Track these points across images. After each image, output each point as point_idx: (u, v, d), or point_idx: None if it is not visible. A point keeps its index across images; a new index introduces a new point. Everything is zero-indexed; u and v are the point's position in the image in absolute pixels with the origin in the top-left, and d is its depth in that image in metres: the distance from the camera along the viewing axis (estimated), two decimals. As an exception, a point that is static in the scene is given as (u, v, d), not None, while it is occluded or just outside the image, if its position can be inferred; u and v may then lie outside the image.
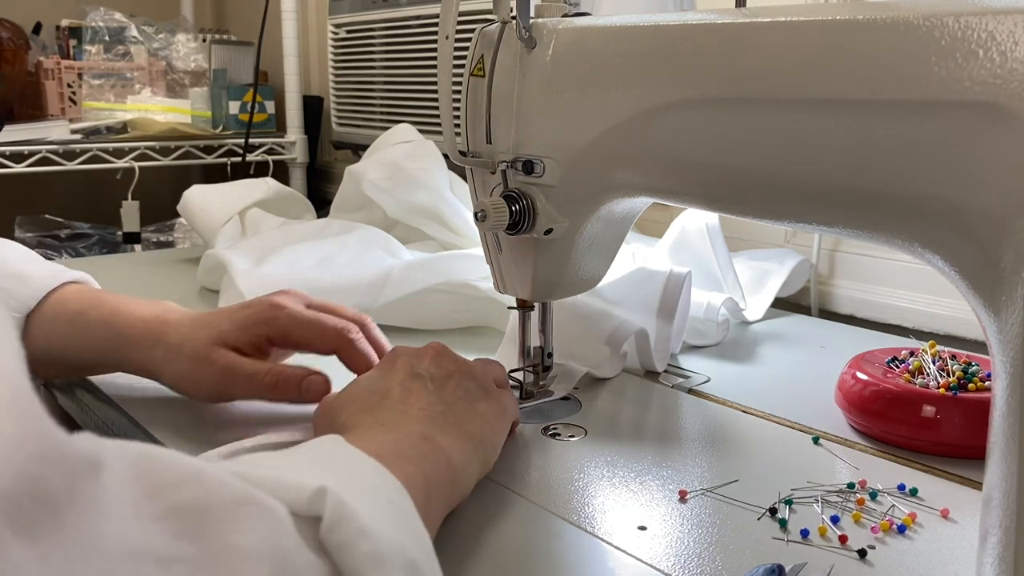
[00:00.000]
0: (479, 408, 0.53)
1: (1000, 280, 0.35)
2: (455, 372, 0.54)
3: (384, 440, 0.45)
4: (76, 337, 0.63)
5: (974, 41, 0.35)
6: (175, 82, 1.81)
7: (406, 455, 0.43)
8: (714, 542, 0.47)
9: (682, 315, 0.76)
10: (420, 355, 0.55)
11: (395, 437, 0.46)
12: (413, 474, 0.42)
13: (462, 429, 0.50)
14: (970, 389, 0.59)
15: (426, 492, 0.42)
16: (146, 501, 0.27)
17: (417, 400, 0.50)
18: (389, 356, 0.56)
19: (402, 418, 0.49)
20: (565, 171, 0.55)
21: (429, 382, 0.52)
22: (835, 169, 0.41)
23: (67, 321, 0.63)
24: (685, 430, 0.62)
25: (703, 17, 0.48)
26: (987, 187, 0.36)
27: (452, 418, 0.50)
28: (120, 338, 0.62)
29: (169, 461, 0.29)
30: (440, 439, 0.47)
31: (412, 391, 0.51)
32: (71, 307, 0.63)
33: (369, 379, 0.54)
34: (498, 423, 0.54)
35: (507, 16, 0.56)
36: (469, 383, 0.54)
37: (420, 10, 1.38)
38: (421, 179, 1.01)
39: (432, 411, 0.50)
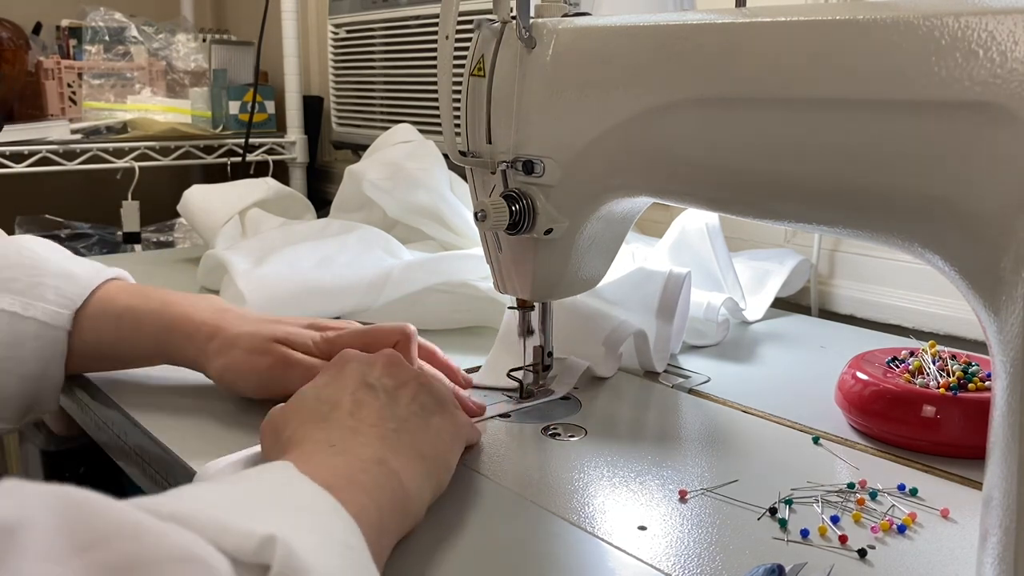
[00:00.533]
0: (433, 424, 0.50)
1: (1000, 280, 0.35)
2: (409, 382, 0.52)
3: (335, 465, 0.43)
4: (127, 331, 0.64)
5: (974, 41, 0.35)
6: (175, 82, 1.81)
7: (359, 483, 0.41)
8: (714, 542, 0.47)
9: (682, 315, 0.76)
10: (371, 362, 0.52)
11: (346, 461, 0.43)
12: (366, 505, 0.40)
13: (415, 449, 0.47)
14: (970, 389, 0.59)
15: (379, 524, 0.40)
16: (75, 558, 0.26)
17: (368, 414, 0.48)
18: (337, 361, 0.53)
19: (353, 437, 0.46)
20: (565, 171, 0.55)
21: (381, 393, 0.50)
22: (835, 169, 0.41)
23: (116, 316, 0.64)
24: (685, 430, 0.62)
25: (703, 17, 0.48)
26: (987, 187, 0.36)
27: (406, 437, 0.48)
28: (172, 332, 0.64)
29: (102, 511, 0.28)
30: (393, 463, 0.45)
31: (363, 403, 0.49)
32: (120, 303, 0.65)
33: (316, 387, 0.51)
34: (453, 441, 0.52)
35: (507, 16, 0.56)
36: (424, 396, 0.52)
37: (420, 10, 1.38)
38: (421, 179, 1.01)
39: (384, 428, 0.47)
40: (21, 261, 0.63)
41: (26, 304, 0.61)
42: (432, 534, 0.47)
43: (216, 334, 0.63)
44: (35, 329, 0.62)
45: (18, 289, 0.62)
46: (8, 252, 0.64)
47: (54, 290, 0.63)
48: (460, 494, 0.52)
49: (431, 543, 0.46)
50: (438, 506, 0.50)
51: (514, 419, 0.64)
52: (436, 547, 0.46)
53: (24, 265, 0.63)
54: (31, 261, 0.64)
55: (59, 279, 0.64)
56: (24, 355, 0.62)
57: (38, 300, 0.62)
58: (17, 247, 0.65)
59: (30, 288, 0.62)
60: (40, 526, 0.26)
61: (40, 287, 0.62)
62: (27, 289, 0.62)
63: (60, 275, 0.64)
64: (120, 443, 0.66)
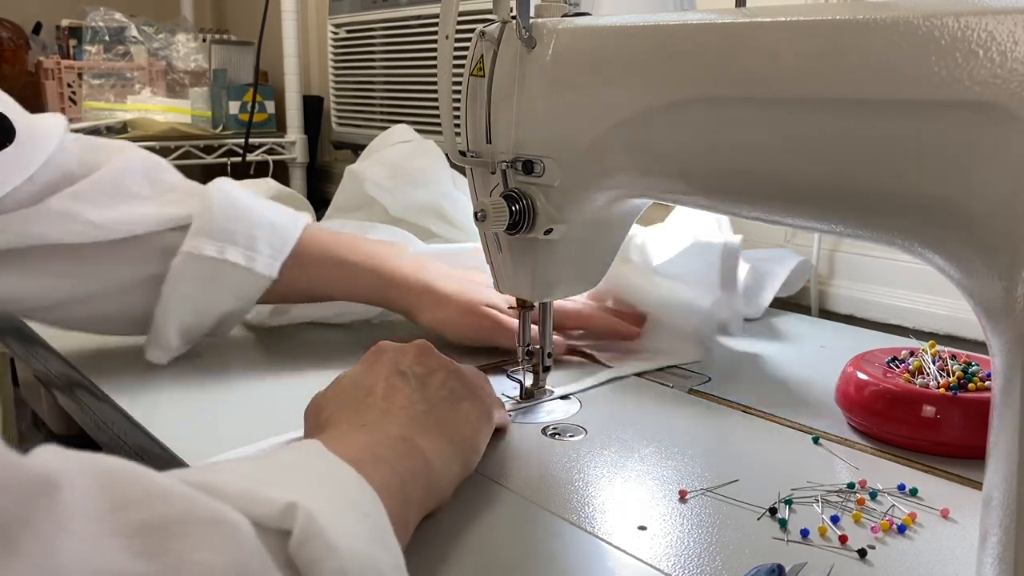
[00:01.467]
0: (462, 408, 0.53)
1: (1000, 280, 0.35)
2: (439, 370, 0.54)
3: (362, 443, 0.45)
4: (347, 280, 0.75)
5: (974, 41, 0.35)
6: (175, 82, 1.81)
7: (383, 458, 0.43)
8: (714, 542, 0.47)
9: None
10: (404, 351, 0.55)
11: (373, 439, 0.46)
12: (389, 478, 0.42)
13: (443, 430, 0.50)
14: (970, 389, 0.59)
15: (402, 495, 0.42)
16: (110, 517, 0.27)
17: (399, 398, 0.50)
18: (373, 351, 0.56)
19: (383, 417, 0.49)
20: (565, 171, 0.55)
21: (412, 379, 0.52)
22: (835, 169, 0.41)
23: (335, 266, 0.75)
24: (685, 430, 0.62)
25: (703, 17, 0.48)
26: (987, 187, 0.36)
27: (434, 418, 0.50)
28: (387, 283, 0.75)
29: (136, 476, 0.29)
30: (420, 440, 0.47)
31: (395, 388, 0.51)
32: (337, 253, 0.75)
33: (353, 375, 0.54)
34: (481, 424, 0.54)
35: (507, 16, 0.56)
36: (454, 382, 0.54)
37: (420, 10, 1.38)
38: (424, 177, 1.01)
39: (414, 410, 0.50)
40: (235, 213, 0.71)
41: (248, 256, 0.70)
42: (433, 534, 0.47)
43: (427, 290, 0.74)
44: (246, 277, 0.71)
45: (240, 242, 0.71)
46: (219, 202, 0.71)
47: (266, 242, 0.72)
48: (460, 494, 0.52)
49: (431, 543, 0.46)
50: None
51: (514, 419, 0.64)
52: (436, 547, 0.46)
53: (238, 218, 0.71)
54: (242, 212, 0.72)
55: (267, 230, 0.72)
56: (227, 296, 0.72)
57: (256, 252, 0.71)
58: (224, 197, 0.72)
59: (248, 241, 0.71)
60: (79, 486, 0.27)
61: (254, 239, 0.71)
62: (246, 241, 0.71)
63: (268, 226, 0.72)
64: (120, 443, 0.66)
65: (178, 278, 0.69)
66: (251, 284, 0.71)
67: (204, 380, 0.70)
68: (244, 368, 0.74)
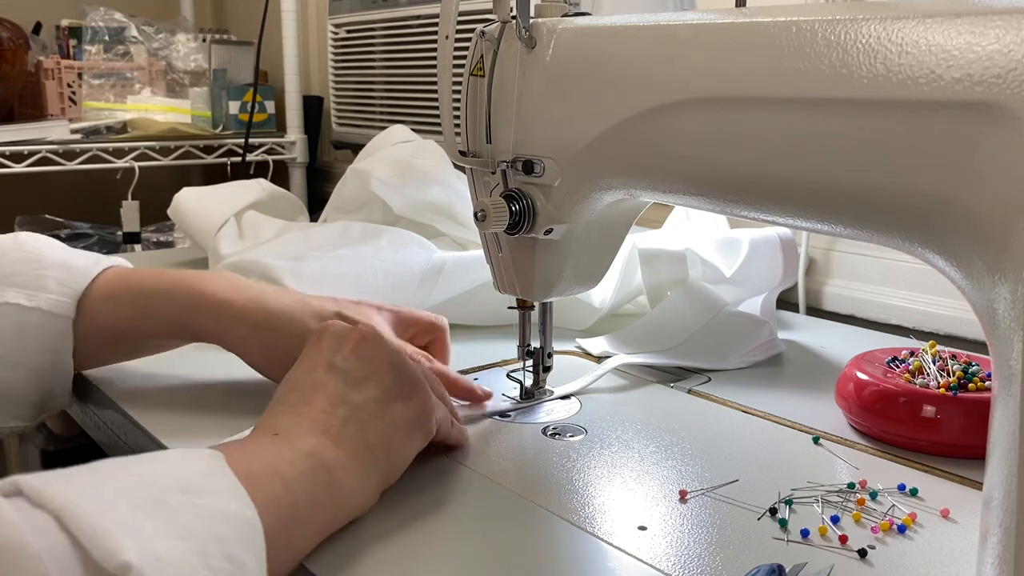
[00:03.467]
0: (392, 412, 0.50)
1: (1000, 280, 0.35)
2: (376, 364, 0.51)
3: (266, 455, 0.44)
4: (142, 308, 0.64)
5: (974, 41, 0.35)
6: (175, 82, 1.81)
7: (281, 475, 0.42)
8: (714, 542, 0.47)
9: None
10: (344, 340, 0.52)
11: (278, 452, 0.44)
12: (279, 496, 0.41)
13: (361, 440, 0.48)
14: (970, 389, 0.59)
15: (291, 512, 0.41)
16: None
17: (320, 400, 0.48)
18: (316, 335, 0.53)
19: (296, 422, 0.47)
20: (565, 171, 0.55)
21: (342, 379, 0.50)
22: (835, 169, 0.41)
23: (131, 297, 0.64)
24: (685, 430, 0.62)
25: (703, 17, 0.48)
26: (987, 187, 0.36)
27: (352, 427, 0.48)
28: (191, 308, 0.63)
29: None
30: (328, 455, 0.45)
31: (319, 386, 0.49)
32: (132, 283, 0.65)
33: (302, 356, 0.52)
34: (411, 429, 0.51)
35: (507, 16, 0.56)
36: (391, 380, 0.51)
37: (420, 10, 1.38)
38: (434, 175, 1.01)
39: (332, 417, 0.48)
40: (22, 256, 0.64)
41: (30, 295, 0.62)
42: (432, 534, 0.47)
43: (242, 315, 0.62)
44: (39, 320, 0.62)
45: (20, 283, 0.62)
46: (6, 248, 0.64)
47: (56, 280, 0.63)
48: (460, 494, 0.52)
49: (431, 543, 0.46)
50: (438, 506, 0.50)
51: (514, 419, 0.64)
52: (436, 547, 0.46)
53: (25, 260, 0.64)
54: (31, 255, 0.64)
55: (59, 270, 0.64)
56: (32, 347, 0.62)
57: (41, 291, 0.62)
58: (16, 243, 0.65)
59: (32, 280, 0.62)
60: None
61: (42, 279, 0.63)
62: (29, 282, 0.62)
63: (60, 266, 0.64)
64: (120, 443, 0.66)
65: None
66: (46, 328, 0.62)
67: (204, 380, 0.70)
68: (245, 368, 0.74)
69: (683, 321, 0.79)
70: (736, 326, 0.79)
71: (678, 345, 0.77)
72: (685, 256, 0.82)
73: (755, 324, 0.80)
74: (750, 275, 0.85)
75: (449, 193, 1.01)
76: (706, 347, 0.76)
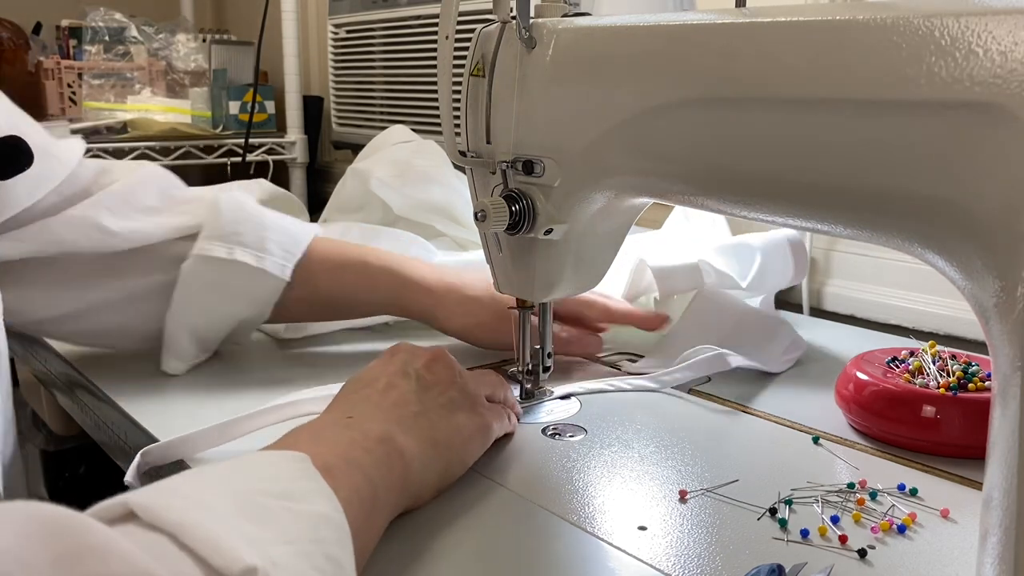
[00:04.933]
0: (457, 419, 0.53)
1: (1000, 280, 0.35)
2: (444, 379, 0.54)
3: (341, 442, 0.45)
4: (366, 281, 0.73)
5: (974, 41, 0.35)
6: (175, 82, 1.81)
7: (358, 462, 0.44)
8: (714, 542, 0.47)
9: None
10: (417, 355, 0.55)
11: (351, 437, 0.46)
12: (361, 484, 0.43)
13: (430, 434, 0.50)
14: (970, 389, 0.59)
15: (372, 502, 0.43)
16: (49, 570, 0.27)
17: (394, 395, 0.51)
18: (391, 350, 0.57)
19: (371, 411, 0.49)
20: (565, 171, 0.55)
21: (415, 382, 0.53)
22: (835, 169, 0.41)
23: (353, 269, 0.74)
24: (685, 430, 0.62)
25: (703, 17, 0.48)
26: (987, 187, 0.36)
27: (423, 421, 0.50)
28: (406, 284, 0.73)
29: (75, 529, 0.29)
30: (400, 439, 0.48)
31: (394, 386, 0.52)
32: (351, 256, 0.74)
33: (371, 367, 0.55)
34: (472, 437, 0.54)
35: (507, 16, 0.56)
36: (455, 393, 0.54)
37: (420, 10, 1.38)
38: (433, 175, 1.01)
39: (404, 409, 0.50)
40: (245, 216, 0.71)
41: (257, 257, 0.69)
42: (432, 534, 0.47)
43: (451, 291, 0.73)
44: (262, 280, 0.70)
45: (247, 243, 0.70)
46: (232, 208, 0.71)
47: (277, 244, 0.71)
48: (460, 494, 0.52)
49: (431, 543, 0.46)
50: (438, 506, 0.50)
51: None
52: (436, 547, 0.46)
53: (249, 220, 0.71)
54: (252, 216, 0.71)
55: (276, 232, 0.71)
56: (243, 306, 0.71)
57: (266, 253, 0.70)
58: (238, 204, 0.72)
59: (257, 240, 0.70)
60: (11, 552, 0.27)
61: (265, 239, 0.70)
62: (254, 242, 0.70)
63: (276, 229, 0.72)
64: (120, 443, 0.66)
65: (189, 282, 0.69)
66: (263, 286, 0.70)
67: (204, 379, 0.70)
68: (245, 368, 0.74)
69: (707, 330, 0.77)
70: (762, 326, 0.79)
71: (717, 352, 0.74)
72: (699, 267, 0.81)
73: (775, 324, 0.80)
74: (765, 281, 0.85)
75: (449, 193, 1.01)
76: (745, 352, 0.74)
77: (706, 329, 0.77)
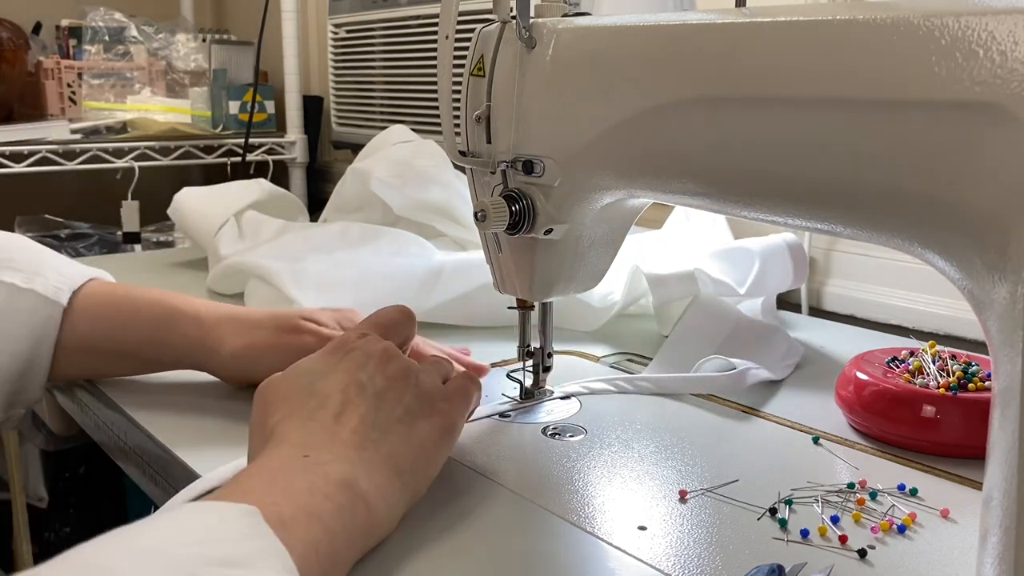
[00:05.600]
0: (418, 430, 0.50)
1: (1000, 280, 0.35)
2: (399, 383, 0.51)
3: (297, 488, 0.42)
4: (124, 317, 0.65)
5: (974, 41, 0.35)
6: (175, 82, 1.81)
7: (317, 512, 0.41)
8: (714, 542, 0.47)
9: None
10: (368, 355, 0.52)
11: (310, 481, 0.42)
12: (319, 537, 0.40)
13: (393, 465, 0.47)
14: (970, 389, 0.59)
15: (330, 556, 0.40)
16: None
17: (352, 418, 0.48)
18: (338, 344, 0.53)
19: (329, 443, 0.46)
20: (565, 171, 0.55)
21: (371, 396, 0.49)
22: (835, 169, 0.41)
23: (114, 304, 0.65)
24: (685, 430, 0.62)
25: (703, 17, 0.48)
26: (987, 187, 0.36)
27: (385, 449, 0.47)
28: (174, 314, 0.64)
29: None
30: (363, 483, 0.44)
31: (350, 404, 0.48)
32: (118, 292, 0.66)
33: (311, 372, 0.51)
34: (438, 446, 0.51)
35: (507, 16, 0.56)
36: (410, 399, 0.51)
37: (420, 10, 1.38)
38: (434, 175, 1.01)
39: (365, 437, 0.47)
40: (24, 247, 0.66)
41: (26, 278, 0.62)
42: (432, 534, 0.47)
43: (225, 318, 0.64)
44: (31, 302, 0.62)
45: (18, 267, 0.63)
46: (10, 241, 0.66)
47: (54, 271, 0.64)
48: (460, 494, 0.52)
49: (431, 543, 0.46)
50: (438, 506, 0.50)
51: (514, 419, 0.64)
52: (436, 547, 0.46)
53: (27, 250, 0.65)
54: (32, 250, 0.66)
55: (59, 264, 0.65)
56: (18, 330, 0.61)
57: (38, 277, 0.63)
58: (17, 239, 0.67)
59: (30, 267, 0.63)
60: None
61: (41, 266, 0.64)
62: (27, 267, 0.63)
63: (59, 262, 0.66)
64: (120, 443, 0.66)
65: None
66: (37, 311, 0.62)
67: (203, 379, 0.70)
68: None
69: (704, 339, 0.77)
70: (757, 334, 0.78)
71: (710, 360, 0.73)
72: (695, 275, 0.80)
73: (770, 330, 0.80)
74: (764, 287, 0.85)
75: (449, 193, 1.01)
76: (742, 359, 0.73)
77: (703, 337, 0.77)
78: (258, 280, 0.85)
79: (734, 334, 0.78)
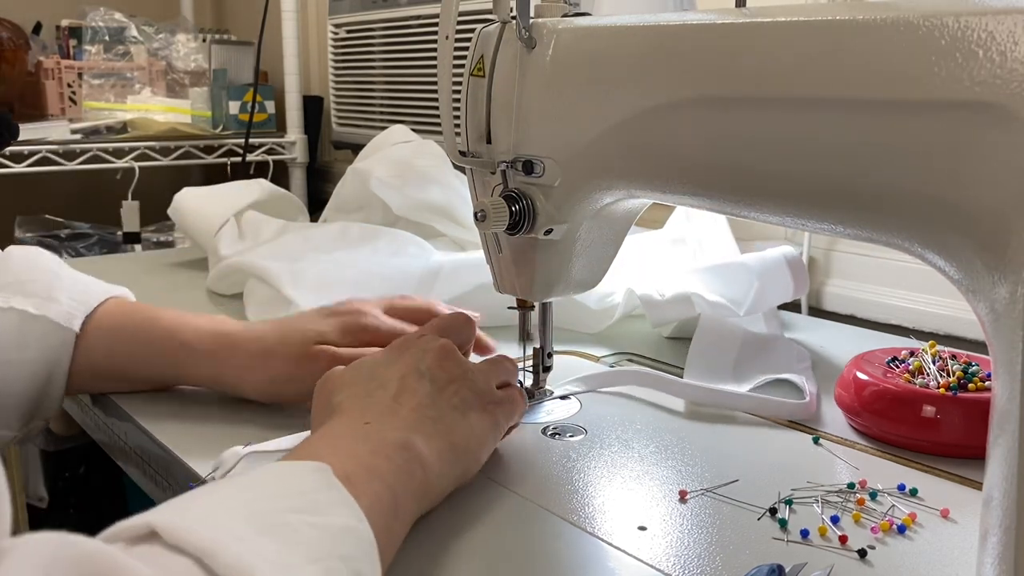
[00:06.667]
0: (470, 420, 0.52)
1: (1000, 280, 0.35)
2: (457, 378, 0.54)
3: (361, 451, 0.45)
4: (139, 346, 0.64)
5: (974, 41, 0.35)
6: (175, 82, 1.81)
7: (378, 471, 0.44)
8: (714, 542, 0.47)
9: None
10: (427, 351, 0.54)
11: (371, 446, 0.46)
12: (381, 493, 0.43)
13: (447, 439, 0.50)
14: (970, 389, 0.59)
15: (392, 510, 0.43)
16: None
17: (410, 399, 0.50)
18: (399, 343, 0.56)
19: (389, 417, 0.49)
20: (565, 171, 0.55)
21: (429, 383, 0.52)
22: (835, 169, 0.41)
23: (129, 333, 0.64)
24: (685, 430, 0.62)
25: (703, 17, 0.48)
26: (987, 187, 0.36)
27: (441, 426, 0.50)
28: (185, 349, 0.64)
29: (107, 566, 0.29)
30: (420, 446, 0.47)
31: (408, 388, 0.51)
32: (133, 320, 0.65)
33: (373, 363, 0.54)
34: (486, 437, 0.54)
35: (507, 16, 0.56)
36: (467, 392, 0.53)
37: (420, 10, 1.38)
38: (433, 175, 1.01)
39: (422, 414, 0.50)
40: (40, 266, 0.65)
41: (39, 303, 0.62)
42: (432, 534, 0.47)
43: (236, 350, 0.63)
44: (44, 328, 0.62)
45: (32, 292, 0.63)
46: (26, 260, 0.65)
47: (68, 294, 0.64)
48: (460, 494, 0.52)
49: (432, 543, 0.46)
50: (438, 506, 0.50)
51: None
52: (436, 547, 0.46)
53: (43, 270, 0.65)
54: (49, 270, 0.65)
55: (73, 286, 0.65)
56: (32, 356, 0.62)
57: (52, 302, 0.63)
58: (33, 258, 0.66)
59: (44, 291, 0.63)
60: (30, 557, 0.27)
61: (55, 290, 0.64)
62: (41, 291, 0.63)
63: (75, 283, 0.65)
64: (120, 443, 0.66)
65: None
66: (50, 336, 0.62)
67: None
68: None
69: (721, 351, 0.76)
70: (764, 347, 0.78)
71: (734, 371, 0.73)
72: (691, 297, 0.79)
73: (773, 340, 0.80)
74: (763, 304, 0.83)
75: (449, 193, 1.01)
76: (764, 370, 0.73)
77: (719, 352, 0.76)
78: (257, 280, 0.85)
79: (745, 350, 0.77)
